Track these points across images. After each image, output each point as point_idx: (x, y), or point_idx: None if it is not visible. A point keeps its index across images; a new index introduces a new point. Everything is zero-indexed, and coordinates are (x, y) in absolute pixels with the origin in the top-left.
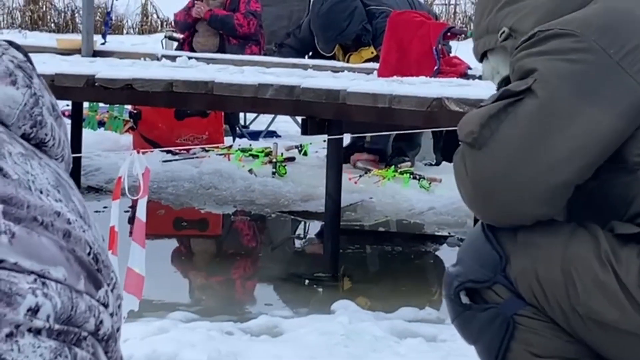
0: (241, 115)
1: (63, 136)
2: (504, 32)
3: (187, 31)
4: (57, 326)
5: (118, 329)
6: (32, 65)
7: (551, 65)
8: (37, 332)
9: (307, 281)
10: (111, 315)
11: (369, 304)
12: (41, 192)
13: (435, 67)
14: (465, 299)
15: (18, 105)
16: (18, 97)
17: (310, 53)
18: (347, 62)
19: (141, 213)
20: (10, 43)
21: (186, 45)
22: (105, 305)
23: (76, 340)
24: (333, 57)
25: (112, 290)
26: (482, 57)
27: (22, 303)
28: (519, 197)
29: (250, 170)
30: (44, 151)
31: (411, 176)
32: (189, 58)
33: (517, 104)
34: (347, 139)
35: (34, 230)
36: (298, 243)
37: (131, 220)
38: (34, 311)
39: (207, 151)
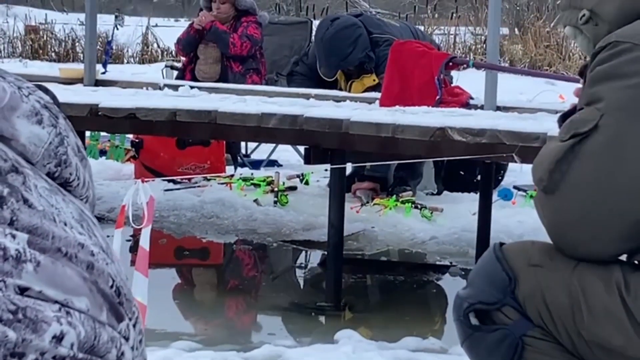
0: (242, 144)
1: (88, 177)
2: (584, 15)
3: (190, 52)
4: (80, 355)
5: None
6: (58, 106)
7: (616, 97)
8: (61, 359)
9: (310, 311)
10: (132, 348)
11: (372, 333)
12: (65, 224)
13: (438, 97)
14: (474, 321)
15: (43, 143)
16: (44, 135)
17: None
18: (349, 88)
19: (145, 242)
20: (39, 87)
21: (188, 72)
22: (127, 338)
23: None
24: (335, 83)
25: (134, 325)
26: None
27: (48, 330)
28: (597, 238)
29: (256, 200)
30: (69, 191)
31: (413, 205)
32: (191, 87)
33: (583, 142)
34: (349, 168)
35: (59, 261)
36: (300, 272)
37: (132, 249)
38: (58, 339)
39: (209, 180)
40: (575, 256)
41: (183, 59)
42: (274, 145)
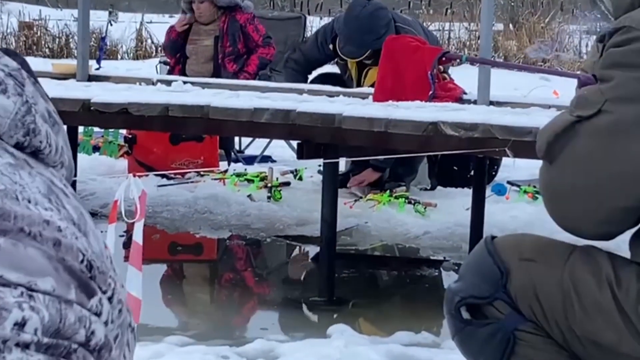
0: (236, 139)
1: (61, 142)
2: None
3: (177, 53)
4: (45, 339)
5: (117, 337)
6: (27, 72)
7: (621, 86)
8: (25, 346)
9: (302, 305)
10: (105, 323)
11: (364, 328)
12: (29, 202)
13: (431, 92)
14: (466, 315)
15: (9, 114)
16: (9, 105)
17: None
18: (364, 77)
19: (138, 236)
20: (6, 51)
21: (177, 72)
22: (98, 314)
23: (66, 353)
24: (343, 72)
25: (109, 298)
26: None
27: (8, 317)
28: (582, 215)
29: (249, 196)
30: (41, 159)
31: (406, 201)
32: (184, 83)
33: (584, 122)
34: (342, 163)
35: (21, 242)
36: (293, 267)
37: (126, 245)
38: (20, 325)
39: (202, 176)
40: (564, 228)
41: (169, 60)
42: (267, 140)
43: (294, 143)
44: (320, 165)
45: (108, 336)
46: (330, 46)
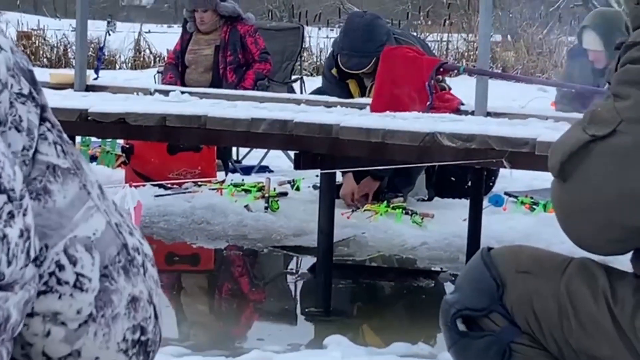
0: (234, 150)
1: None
2: None
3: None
4: None
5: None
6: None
7: (638, 107)
8: None
9: (299, 316)
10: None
11: (361, 339)
12: None
13: (428, 103)
14: (462, 327)
15: None
16: None
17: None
18: (368, 92)
19: None
20: None
21: (178, 81)
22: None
23: None
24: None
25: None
26: None
27: None
28: (596, 233)
29: (247, 206)
30: None
31: (404, 211)
32: (182, 92)
33: (599, 142)
34: (339, 174)
35: None
36: (290, 278)
37: None
38: None
39: (200, 186)
40: (578, 245)
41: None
42: (265, 151)
43: (292, 153)
44: (317, 176)
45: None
46: (334, 70)
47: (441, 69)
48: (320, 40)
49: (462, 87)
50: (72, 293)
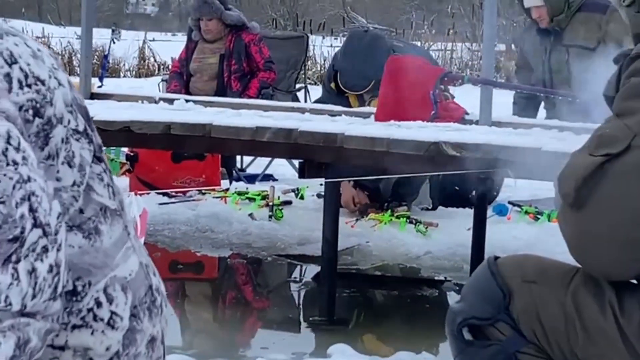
0: (238, 158)
1: None
2: None
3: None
4: None
5: None
6: None
7: None
8: None
9: (303, 325)
10: None
11: (365, 348)
12: None
13: (433, 112)
14: (468, 336)
15: None
16: None
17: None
18: (368, 105)
19: None
20: None
21: (183, 90)
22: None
23: None
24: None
25: None
26: None
27: None
28: (620, 259)
29: (251, 214)
30: None
31: (408, 220)
32: (187, 101)
33: (613, 161)
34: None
35: None
36: (294, 286)
37: None
38: None
39: (204, 194)
40: (600, 274)
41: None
42: (269, 159)
43: (296, 162)
44: (321, 185)
45: None
46: (332, 84)
47: (445, 79)
48: (324, 49)
49: (466, 96)
50: (104, 330)
